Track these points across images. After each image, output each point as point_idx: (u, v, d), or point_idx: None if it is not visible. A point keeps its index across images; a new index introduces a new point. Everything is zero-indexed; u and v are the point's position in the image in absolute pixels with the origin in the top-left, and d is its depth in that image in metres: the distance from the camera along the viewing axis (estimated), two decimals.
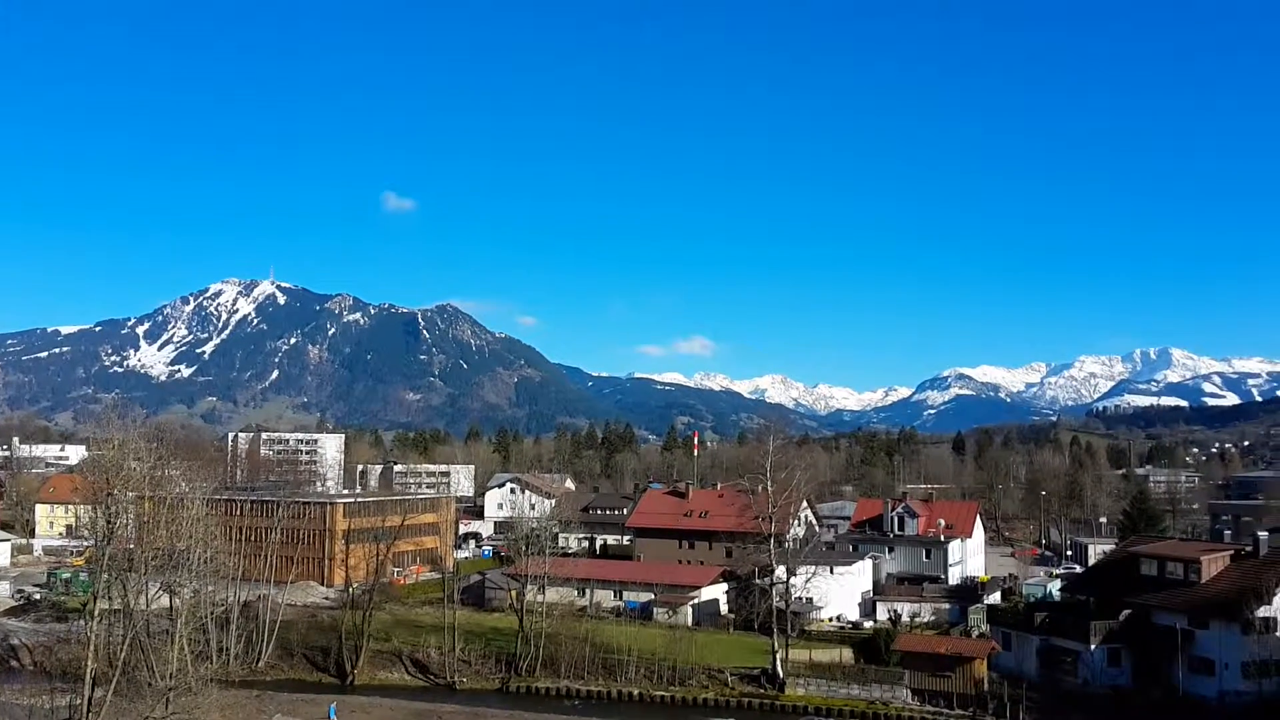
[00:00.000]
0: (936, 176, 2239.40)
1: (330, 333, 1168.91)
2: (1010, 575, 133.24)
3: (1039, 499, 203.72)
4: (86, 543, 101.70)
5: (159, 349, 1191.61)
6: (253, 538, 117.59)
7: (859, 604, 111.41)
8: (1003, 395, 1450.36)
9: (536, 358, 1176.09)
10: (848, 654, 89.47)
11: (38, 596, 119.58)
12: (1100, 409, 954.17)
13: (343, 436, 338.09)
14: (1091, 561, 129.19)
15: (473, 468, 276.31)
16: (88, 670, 61.22)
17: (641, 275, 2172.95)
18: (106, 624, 72.67)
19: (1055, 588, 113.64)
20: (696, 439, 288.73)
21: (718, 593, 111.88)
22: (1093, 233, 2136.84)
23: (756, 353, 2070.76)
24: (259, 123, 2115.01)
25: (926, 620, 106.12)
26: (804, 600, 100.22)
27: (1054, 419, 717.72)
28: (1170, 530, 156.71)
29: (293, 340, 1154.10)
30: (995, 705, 75.60)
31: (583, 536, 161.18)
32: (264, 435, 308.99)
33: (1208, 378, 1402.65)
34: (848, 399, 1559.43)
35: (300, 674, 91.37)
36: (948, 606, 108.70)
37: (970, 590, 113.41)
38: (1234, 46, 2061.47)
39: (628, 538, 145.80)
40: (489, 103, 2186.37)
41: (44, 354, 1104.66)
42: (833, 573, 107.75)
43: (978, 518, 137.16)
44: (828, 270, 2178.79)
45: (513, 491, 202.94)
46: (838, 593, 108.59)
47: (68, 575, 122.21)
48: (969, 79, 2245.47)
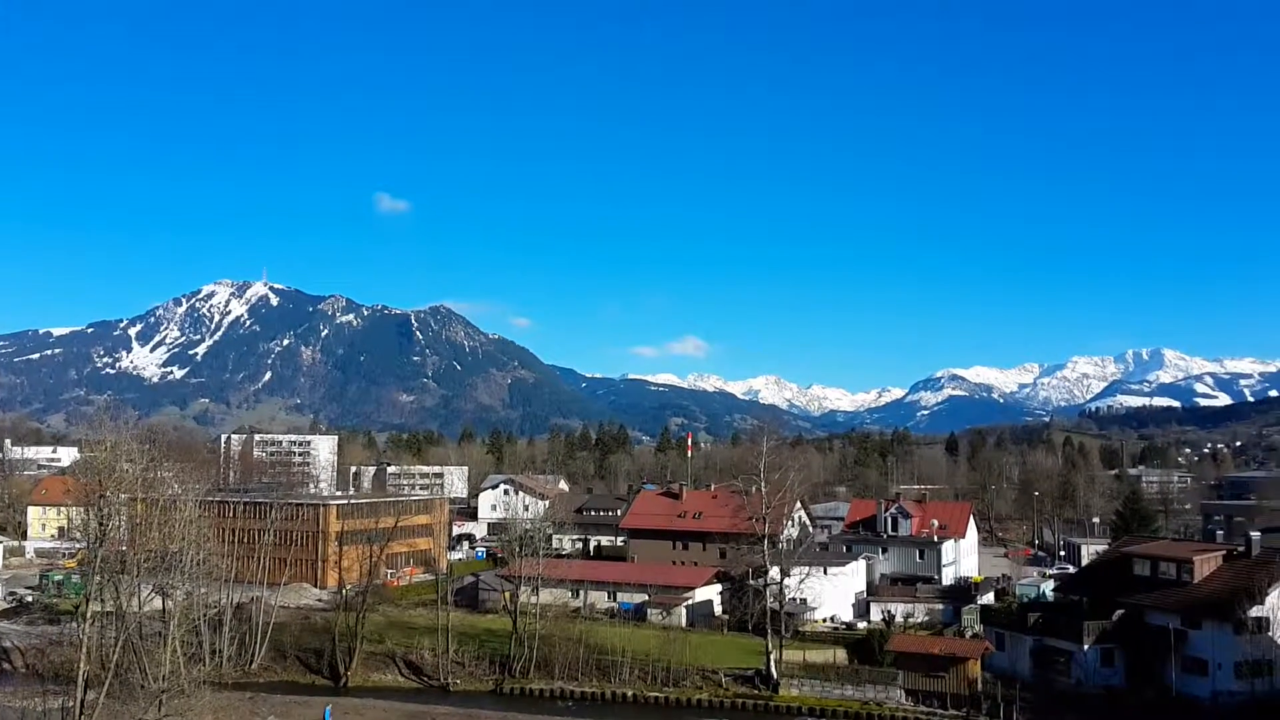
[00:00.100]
0: (931, 178, 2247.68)
1: (323, 334, 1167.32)
2: (1004, 575, 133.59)
3: (1032, 499, 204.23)
4: (79, 545, 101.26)
5: (151, 350, 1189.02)
6: (246, 539, 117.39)
7: (853, 604, 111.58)
8: (996, 396, 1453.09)
9: (530, 359, 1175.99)
10: (841, 655, 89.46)
11: (30, 599, 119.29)
12: (1093, 409, 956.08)
13: (336, 438, 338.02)
14: (1084, 562, 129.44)
15: (466, 469, 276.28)
16: (80, 673, 61.01)
17: (635, 276, 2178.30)
18: (99, 626, 72.43)
19: (1048, 588, 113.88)
20: (690, 440, 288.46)
21: (712, 594, 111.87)
22: (1085, 234, 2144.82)
23: (750, 354, 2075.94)
24: (252, 123, 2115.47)
25: (920, 621, 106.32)
26: (798, 601, 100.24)
27: (1047, 420, 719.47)
28: (1163, 530, 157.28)
29: (285, 342, 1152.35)
30: (989, 705, 75.64)
31: (576, 538, 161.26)
32: (257, 437, 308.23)
33: (1200, 378, 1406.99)
34: (841, 400, 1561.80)
35: (293, 676, 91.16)
36: (941, 607, 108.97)
37: (964, 591, 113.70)
38: (1234, 47, 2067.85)
39: (621, 539, 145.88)
40: (483, 103, 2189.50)
41: (36, 355, 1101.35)
42: (826, 573, 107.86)
43: (971, 518, 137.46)
44: (821, 271, 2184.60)
45: (506, 493, 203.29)
46: (831, 593, 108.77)
47: (60, 577, 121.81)
48: (966, 79, 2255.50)
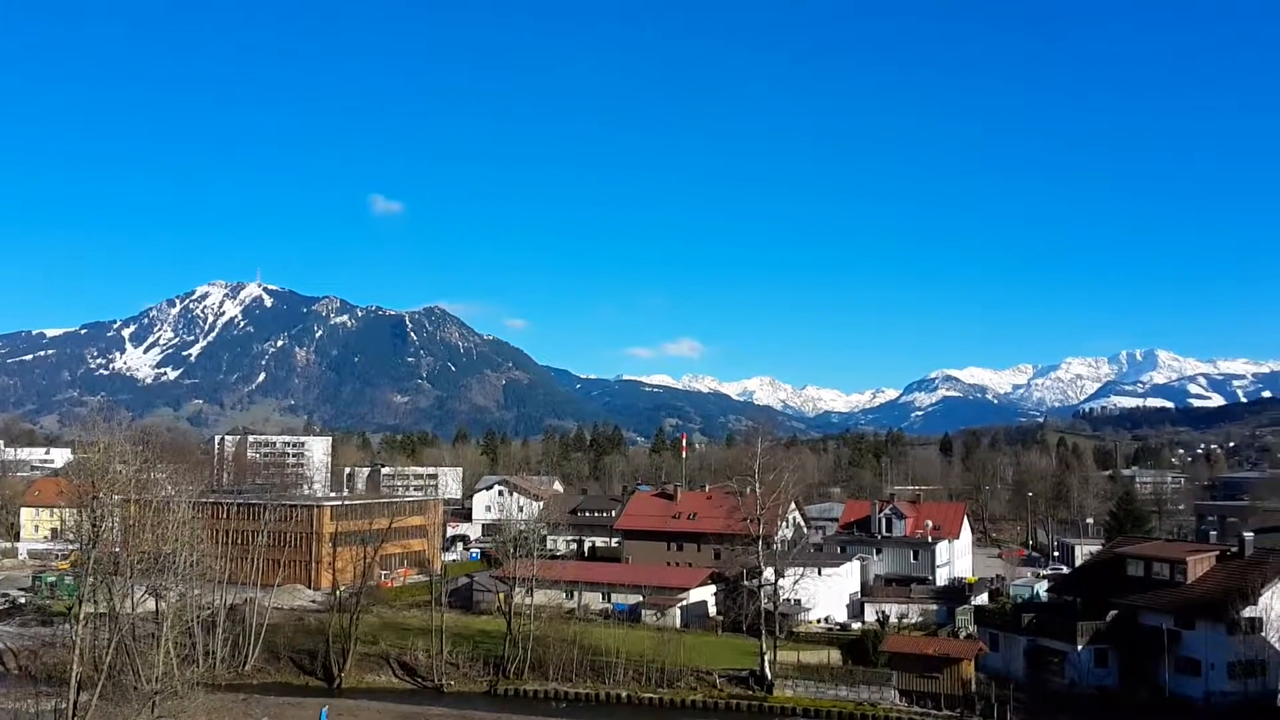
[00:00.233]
0: (926, 179, 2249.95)
1: (317, 335, 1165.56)
2: (997, 576, 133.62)
3: (1026, 500, 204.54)
4: (72, 546, 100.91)
5: (145, 352, 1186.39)
6: (239, 541, 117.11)
7: (847, 605, 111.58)
8: (990, 397, 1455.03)
9: (524, 360, 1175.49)
10: (835, 655, 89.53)
11: (23, 600, 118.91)
12: (1087, 410, 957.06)
13: (330, 439, 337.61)
14: (1078, 562, 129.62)
15: (460, 470, 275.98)
16: (73, 674, 60.84)
17: (630, 277, 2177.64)
18: (92, 628, 72.15)
19: (1042, 588, 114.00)
20: (685, 441, 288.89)
21: (706, 594, 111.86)
22: (1079, 235, 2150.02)
23: (744, 354, 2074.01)
24: (247, 124, 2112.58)
25: (914, 621, 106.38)
26: (792, 602, 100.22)
27: (1041, 420, 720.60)
28: (1156, 531, 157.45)
29: (280, 343, 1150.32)
30: (983, 706, 75.75)
31: (571, 539, 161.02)
32: (250, 438, 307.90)
33: (1193, 379, 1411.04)
34: (836, 401, 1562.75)
35: (287, 677, 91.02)
36: (935, 607, 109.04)
37: (958, 591, 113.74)
38: (1234, 46, 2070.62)
39: (616, 540, 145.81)
40: (478, 104, 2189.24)
41: (29, 357, 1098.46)
42: (821, 574, 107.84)
43: (965, 519, 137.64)
44: (816, 272, 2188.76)
45: (500, 494, 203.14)
46: (826, 594, 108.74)
47: (53, 579, 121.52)
48: (963, 80, 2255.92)
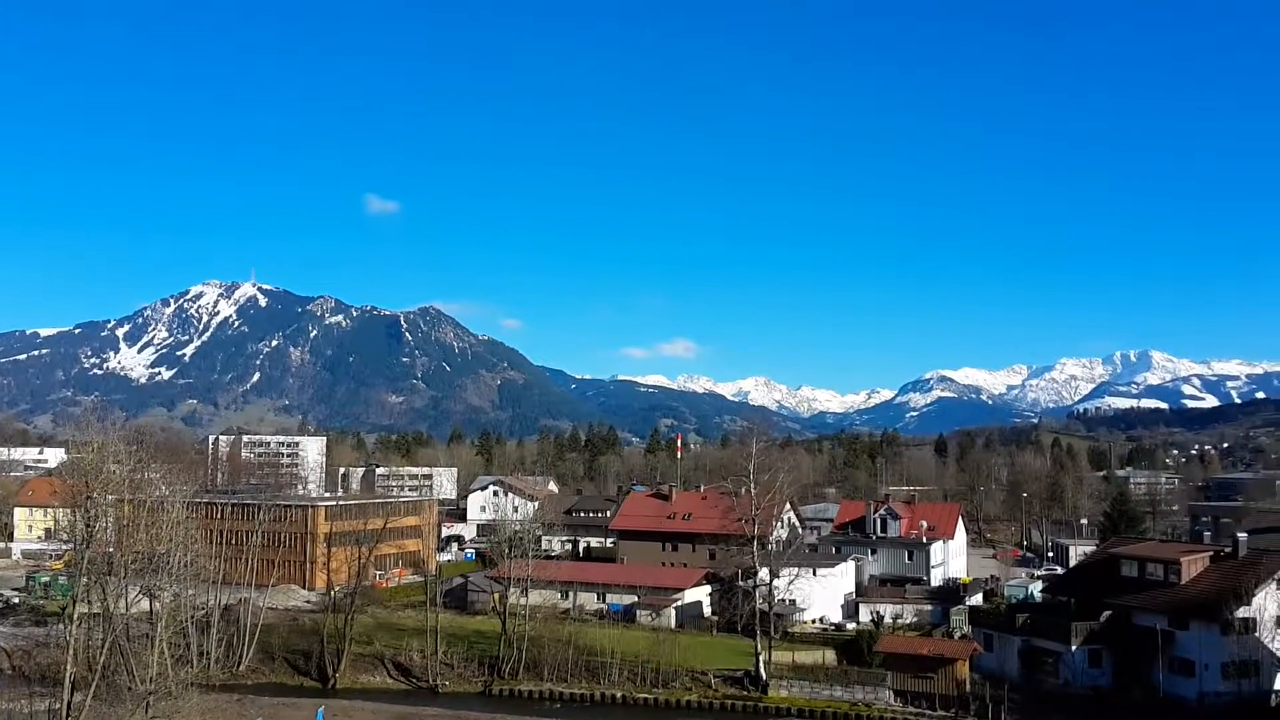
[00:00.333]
0: (922, 180, 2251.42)
1: (312, 335, 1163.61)
2: (992, 577, 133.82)
3: (1020, 501, 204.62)
4: (65, 546, 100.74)
5: (139, 351, 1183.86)
6: (233, 541, 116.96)
7: (842, 606, 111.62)
8: (984, 397, 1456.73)
9: (519, 360, 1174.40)
10: (830, 656, 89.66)
11: (16, 600, 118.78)
12: (1081, 411, 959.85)
13: (324, 439, 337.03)
14: (1072, 563, 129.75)
15: (455, 470, 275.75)
16: (67, 674, 60.75)
17: (625, 277, 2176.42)
18: (86, 628, 72.06)
19: (1037, 589, 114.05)
20: (680, 441, 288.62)
21: (701, 595, 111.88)
22: (1074, 236, 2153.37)
23: (739, 355, 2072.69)
24: (241, 124, 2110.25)
25: (909, 622, 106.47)
26: (787, 602, 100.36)
27: (1035, 421, 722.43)
28: (1150, 532, 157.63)
29: (274, 342, 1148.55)
30: (977, 706, 75.80)
31: (566, 539, 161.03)
32: (245, 438, 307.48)
33: (1187, 380, 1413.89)
34: (830, 401, 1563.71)
35: (281, 678, 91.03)
36: (930, 608, 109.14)
37: (952, 592, 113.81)
38: (1233, 46, 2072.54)
39: (611, 540, 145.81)
40: (473, 104, 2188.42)
41: (23, 356, 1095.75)
42: (815, 575, 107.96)
43: (960, 519, 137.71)
44: (812, 273, 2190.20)
45: (495, 494, 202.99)
46: (820, 594, 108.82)
47: (47, 579, 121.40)
48: (960, 80, 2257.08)
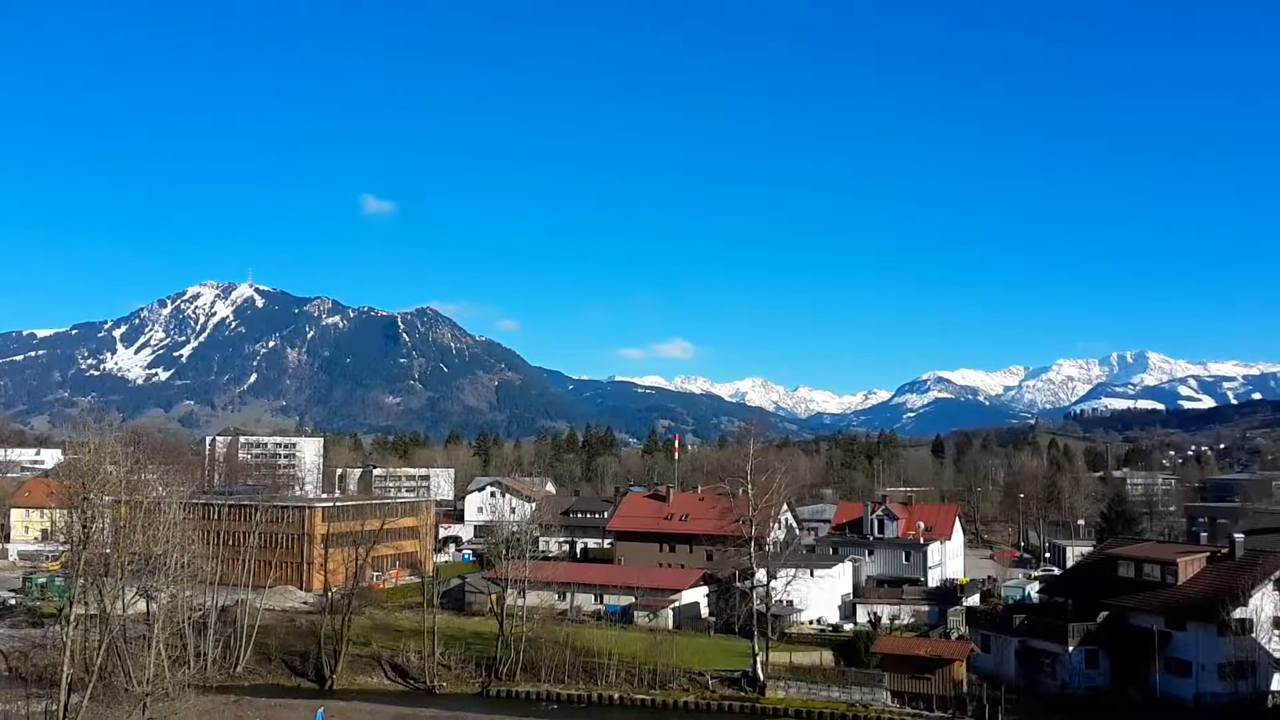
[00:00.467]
0: (918, 181, 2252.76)
1: (309, 336, 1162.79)
2: (989, 577, 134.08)
3: (1017, 501, 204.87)
4: (62, 547, 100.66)
5: (136, 352, 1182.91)
6: (230, 542, 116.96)
7: (839, 606, 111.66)
8: (981, 398, 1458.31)
9: (517, 361, 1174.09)
10: (828, 656, 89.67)
11: (13, 602, 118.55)
12: (1078, 412, 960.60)
13: (321, 440, 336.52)
14: (1069, 563, 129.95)
15: (453, 471, 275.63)
16: (64, 676, 60.70)
17: (622, 278, 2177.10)
18: (83, 629, 71.99)
19: (1033, 590, 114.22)
20: (677, 442, 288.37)
21: (698, 596, 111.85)
22: (1070, 237, 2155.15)
23: (737, 356, 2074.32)
24: (238, 125, 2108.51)
25: (906, 622, 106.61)
26: (784, 603, 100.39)
27: (1032, 422, 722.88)
28: (1147, 532, 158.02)
29: (271, 343, 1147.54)
30: (974, 707, 75.87)
31: (563, 540, 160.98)
32: (242, 439, 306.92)
33: (1184, 381, 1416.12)
34: (828, 402, 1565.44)
35: (278, 679, 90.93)
36: (927, 609, 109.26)
37: (949, 592, 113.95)
38: (1232, 46, 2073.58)
39: (608, 541, 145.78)
40: (469, 104, 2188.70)
41: (19, 357, 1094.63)
42: (813, 575, 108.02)
43: (957, 520, 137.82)
44: (808, 273, 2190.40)
45: (493, 495, 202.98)
46: (818, 595, 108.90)
47: (43, 580, 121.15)
48: (957, 81, 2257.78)
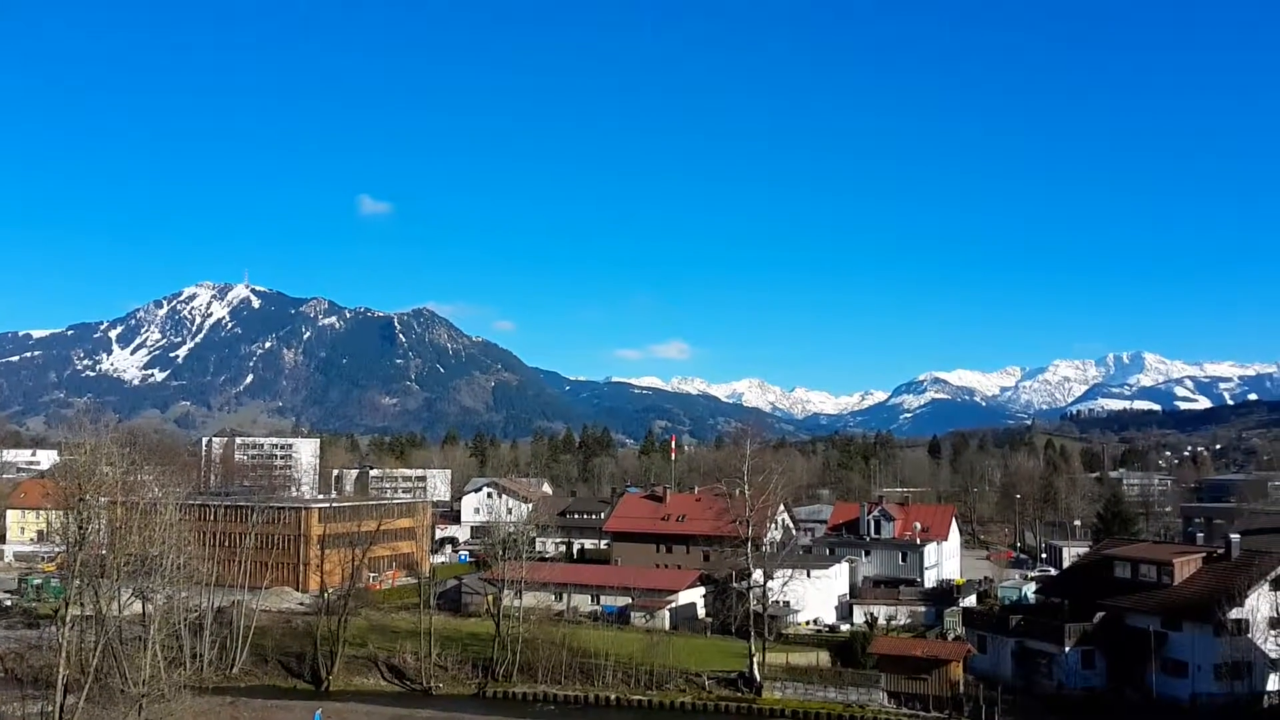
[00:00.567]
0: (915, 182, 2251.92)
1: (305, 336, 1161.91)
2: (985, 578, 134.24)
3: (1014, 502, 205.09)
4: (58, 548, 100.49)
5: (132, 353, 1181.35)
6: (227, 543, 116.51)
7: (836, 607, 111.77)
8: (978, 399, 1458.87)
9: (513, 362, 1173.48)
10: (824, 657, 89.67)
11: (9, 603, 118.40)
12: (1074, 412, 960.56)
13: (318, 441, 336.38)
14: (1066, 564, 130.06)
15: (449, 472, 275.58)
16: (60, 677, 60.63)
17: (618, 279, 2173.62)
18: (78, 630, 71.89)
19: (1030, 590, 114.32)
20: (674, 443, 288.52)
21: (695, 596, 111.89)
22: (1067, 237, 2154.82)
23: (733, 357, 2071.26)
24: (234, 125, 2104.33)
25: (903, 623, 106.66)
26: (781, 604, 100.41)
27: (1028, 422, 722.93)
28: (1143, 533, 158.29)
29: (267, 344, 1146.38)
30: (971, 707, 75.94)
31: (560, 541, 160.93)
32: (238, 440, 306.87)
33: (1180, 381, 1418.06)
34: (824, 403, 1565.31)
35: (275, 680, 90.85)
36: (924, 609, 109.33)
37: (946, 593, 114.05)
38: (1232, 46, 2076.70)
39: (605, 542, 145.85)
40: (466, 105, 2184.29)
41: (15, 358, 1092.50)
42: (809, 576, 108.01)
43: (953, 521, 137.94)
44: (805, 274, 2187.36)
45: (490, 496, 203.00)
46: (814, 596, 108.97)
47: (39, 581, 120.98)
48: (954, 81, 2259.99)
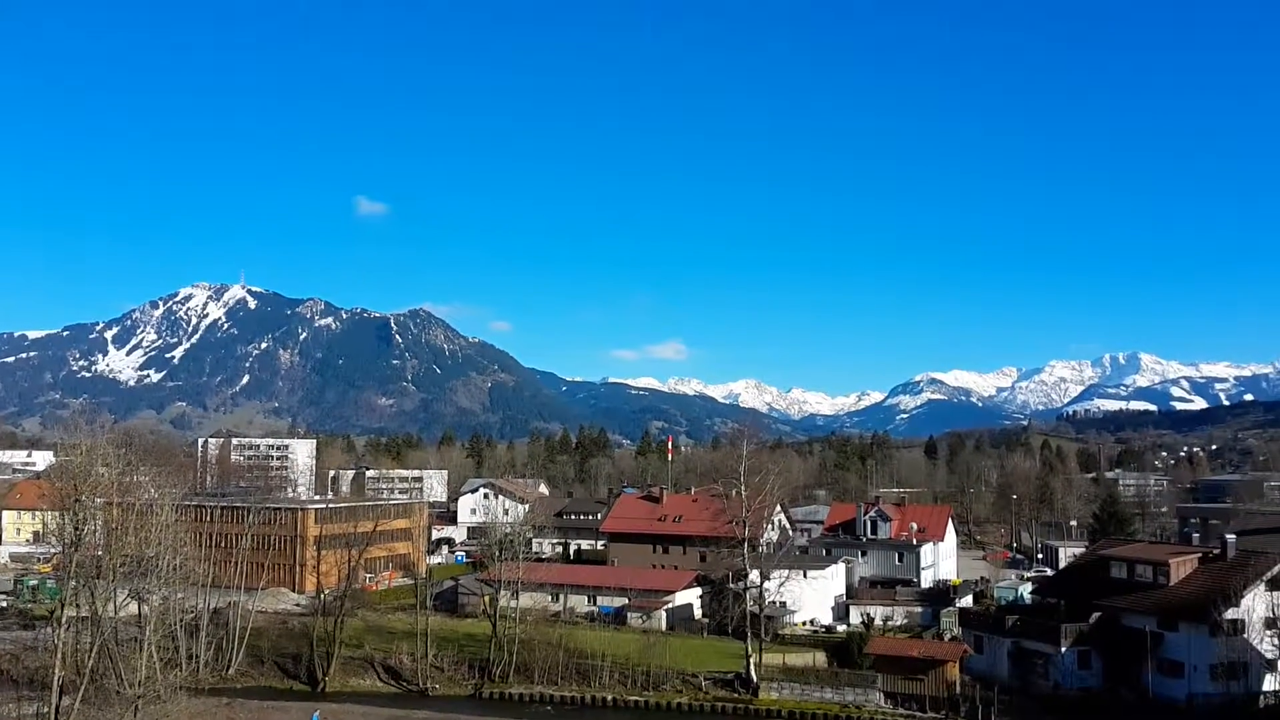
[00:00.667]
0: (911, 182, 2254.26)
1: (302, 337, 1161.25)
2: (982, 578, 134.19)
3: (1010, 502, 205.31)
4: (54, 549, 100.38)
5: (128, 354, 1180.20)
6: (223, 544, 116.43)
7: (832, 608, 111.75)
8: (974, 400, 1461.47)
9: (510, 362, 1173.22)
10: (821, 658, 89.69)
11: (4, 604, 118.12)
12: (1070, 413, 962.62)
13: (314, 442, 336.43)
14: (1062, 564, 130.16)
15: (446, 473, 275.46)
16: (55, 678, 60.48)
17: (615, 279, 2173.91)
18: (74, 631, 71.82)
19: (1026, 591, 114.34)
20: (671, 443, 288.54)
21: (691, 597, 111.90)
22: (1064, 237, 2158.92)
23: (730, 357, 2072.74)
24: (231, 125, 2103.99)
25: (899, 623, 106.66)
26: (777, 604, 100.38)
27: (1025, 423, 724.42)
28: (1139, 533, 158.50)
29: (264, 345, 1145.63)
30: (967, 708, 75.96)
31: (556, 541, 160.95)
32: (234, 441, 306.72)
33: (1176, 382, 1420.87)
34: (821, 404, 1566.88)
35: (271, 681, 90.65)
36: (920, 610, 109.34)
37: (942, 593, 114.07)
38: (1231, 46, 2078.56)
39: (602, 542, 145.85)
40: (466, 104, 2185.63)
41: (10, 359, 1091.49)
42: (806, 577, 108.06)
43: (950, 521, 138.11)
44: (802, 275, 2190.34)
45: (486, 496, 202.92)
46: (811, 597, 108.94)
47: (35, 582, 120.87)
48: (951, 81, 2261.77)
